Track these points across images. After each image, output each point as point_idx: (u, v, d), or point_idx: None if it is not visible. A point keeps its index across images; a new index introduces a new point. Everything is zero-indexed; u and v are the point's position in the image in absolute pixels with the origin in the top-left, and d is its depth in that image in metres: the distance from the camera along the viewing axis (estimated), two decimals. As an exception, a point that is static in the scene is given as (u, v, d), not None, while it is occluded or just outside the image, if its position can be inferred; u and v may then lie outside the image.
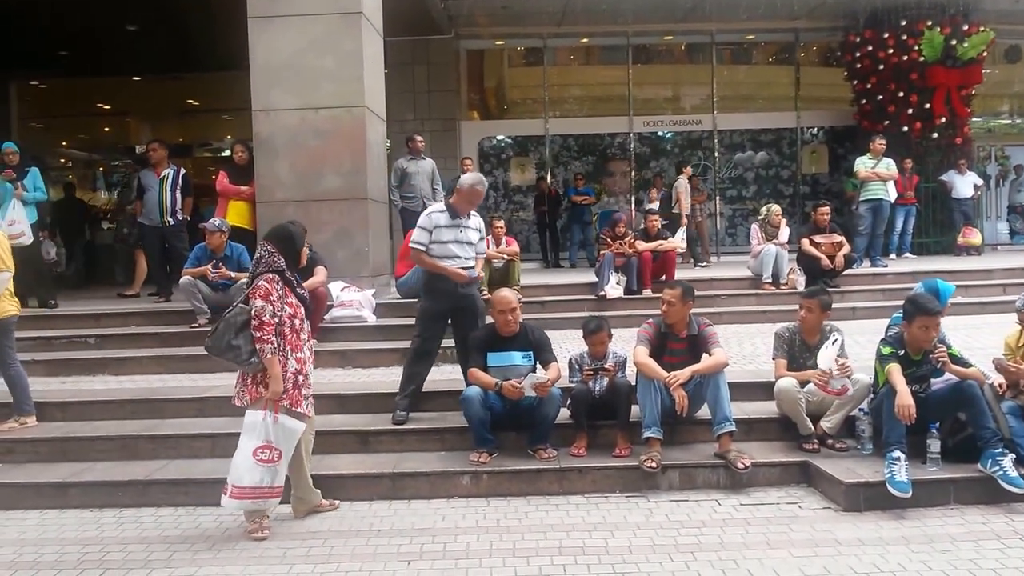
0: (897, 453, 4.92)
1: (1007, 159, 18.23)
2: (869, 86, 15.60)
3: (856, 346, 6.95)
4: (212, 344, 4.78)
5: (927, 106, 14.92)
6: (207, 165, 17.12)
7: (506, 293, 5.77)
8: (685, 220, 13.34)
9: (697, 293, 10.63)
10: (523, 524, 4.87)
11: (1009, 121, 17.99)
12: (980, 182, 15.48)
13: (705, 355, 5.60)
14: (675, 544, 4.52)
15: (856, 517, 4.83)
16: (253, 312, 4.68)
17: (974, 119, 16.38)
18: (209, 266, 8.02)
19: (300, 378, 4.84)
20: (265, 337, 4.65)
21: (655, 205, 14.05)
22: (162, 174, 9.65)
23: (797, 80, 17.20)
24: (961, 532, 4.56)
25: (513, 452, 5.60)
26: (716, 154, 17.16)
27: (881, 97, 15.34)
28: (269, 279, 4.74)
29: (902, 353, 5.29)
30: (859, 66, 15.74)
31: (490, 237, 10.10)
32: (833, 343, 5.55)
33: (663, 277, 10.39)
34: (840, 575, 4.07)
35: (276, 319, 4.72)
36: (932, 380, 5.38)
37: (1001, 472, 4.82)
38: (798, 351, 5.83)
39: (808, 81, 17.31)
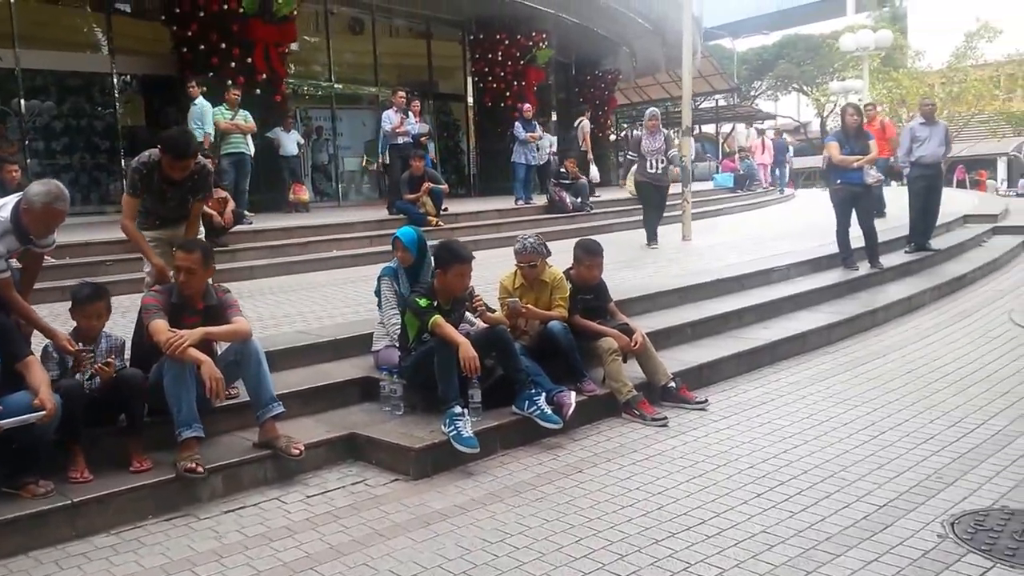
0: (458, 408, 4.72)
1: (310, 119, 19.40)
2: (190, 34, 14.74)
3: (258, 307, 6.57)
4: None
5: (249, 60, 14.75)
6: None
7: None
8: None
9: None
10: (55, 599, 3.32)
11: (317, 83, 19.03)
12: (302, 140, 16.12)
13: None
14: (283, 565, 3.60)
15: (432, 484, 4.48)
16: None
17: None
18: None
19: None
20: None
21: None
22: None
23: (109, 20, 15.38)
24: (534, 478, 4.55)
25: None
26: (22, 98, 14.36)
27: (203, 47, 14.64)
28: None
29: (436, 304, 5.07)
30: (177, 11, 14.69)
31: None
32: None
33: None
34: (483, 551, 3.69)
35: None
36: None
37: (539, 411, 4.96)
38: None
39: (123, 24, 15.62)
